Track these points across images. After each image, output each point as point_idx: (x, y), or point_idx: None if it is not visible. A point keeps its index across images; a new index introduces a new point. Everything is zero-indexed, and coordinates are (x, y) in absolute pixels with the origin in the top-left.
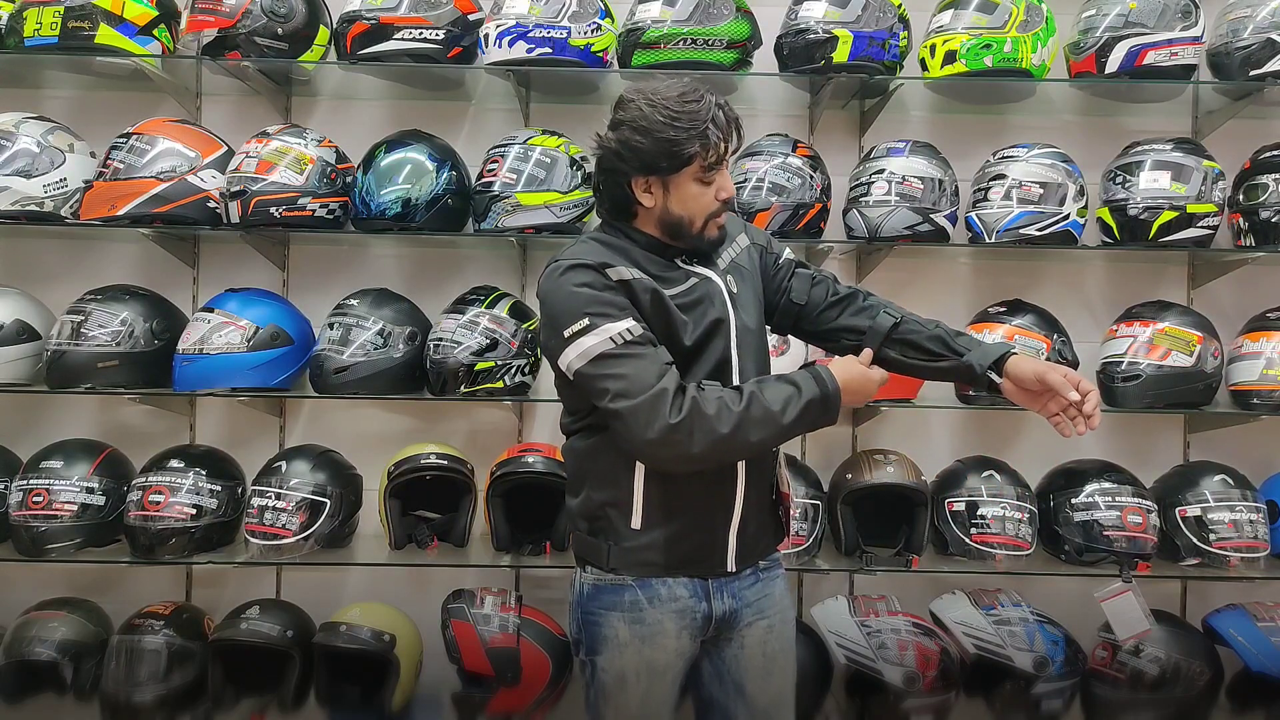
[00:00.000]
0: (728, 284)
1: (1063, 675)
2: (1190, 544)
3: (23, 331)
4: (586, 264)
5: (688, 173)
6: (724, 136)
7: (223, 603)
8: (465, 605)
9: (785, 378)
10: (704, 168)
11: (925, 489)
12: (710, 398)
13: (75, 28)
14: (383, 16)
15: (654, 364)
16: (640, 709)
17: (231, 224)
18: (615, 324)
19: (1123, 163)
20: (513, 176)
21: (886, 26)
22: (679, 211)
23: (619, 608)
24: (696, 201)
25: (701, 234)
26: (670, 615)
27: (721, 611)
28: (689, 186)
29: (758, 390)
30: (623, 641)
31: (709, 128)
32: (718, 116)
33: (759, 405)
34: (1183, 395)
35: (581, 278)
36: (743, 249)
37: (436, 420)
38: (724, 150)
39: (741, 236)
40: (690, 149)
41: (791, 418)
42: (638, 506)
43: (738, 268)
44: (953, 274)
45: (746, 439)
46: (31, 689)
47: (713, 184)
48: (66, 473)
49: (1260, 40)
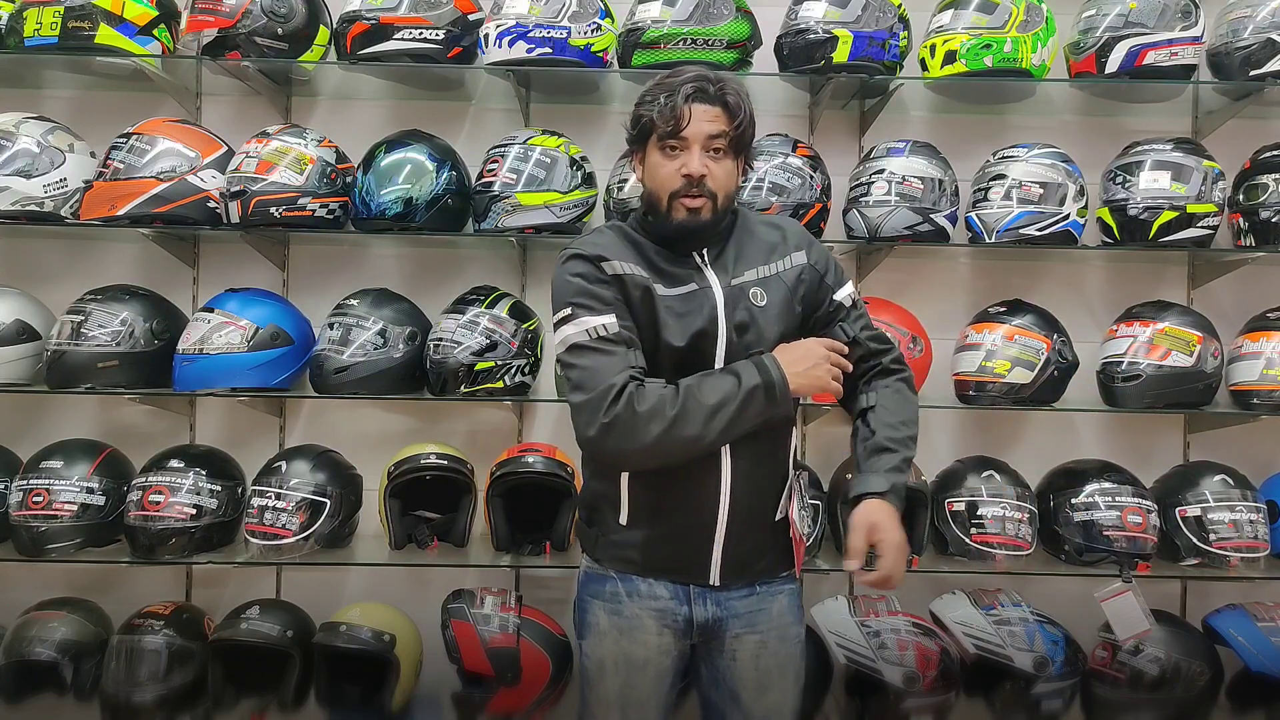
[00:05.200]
0: (749, 296)
1: (1063, 675)
2: (1190, 544)
3: (23, 331)
4: (583, 255)
5: (652, 142)
6: (677, 108)
7: (223, 603)
8: (465, 605)
9: (730, 369)
10: (661, 136)
11: (925, 489)
12: (647, 395)
13: (75, 28)
14: (383, 16)
15: (618, 362)
16: (620, 698)
17: (231, 224)
18: (595, 318)
19: (1123, 163)
20: (513, 176)
21: (886, 26)
22: (649, 185)
23: (601, 597)
24: (658, 173)
25: (669, 214)
26: (649, 613)
27: (704, 619)
28: (653, 155)
29: (695, 385)
30: (603, 630)
31: (664, 97)
32: (685, 89)
33: (694, 400)
34: (1183, 395)
35: (576, 268)
36: (793, 266)
37: (436, 420)
38: (680, 122)
39: (799, 253)
40: (647, 114)
41: (731, 411)
42: (624, 503)
43: (776, 281)
44: (953, 274)
45: (683, 434)
46: (31, 689)
47: (676, 158)
48: (66, 473)
49: (1260, 40)
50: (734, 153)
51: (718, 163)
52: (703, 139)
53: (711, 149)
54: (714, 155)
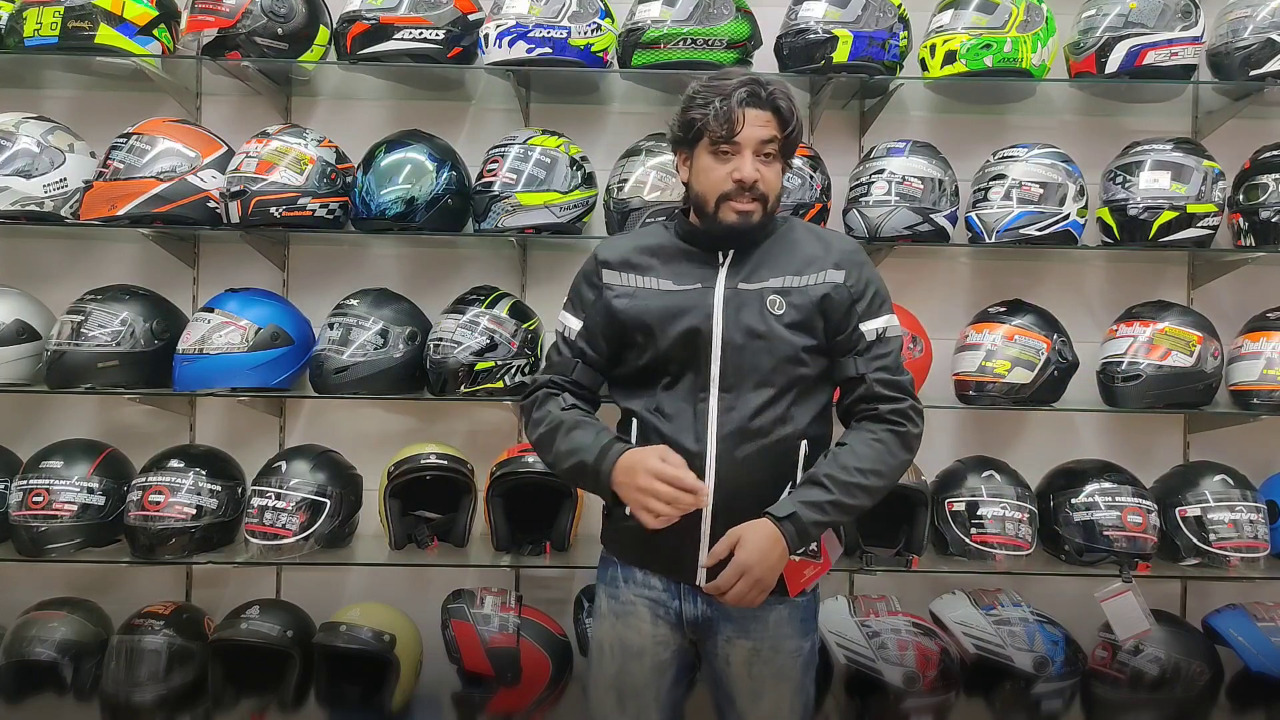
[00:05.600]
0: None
1: (1063, 675)
2: (1190, 544)
3: (23, 331)
4: (597, 254)
5: (703, 145)
6: (732, 112)
7: (223, 603)
8: (465, 605)
9: (600, 432)
10: (713, 140)
11: (925, 489)
12: (542, 407)
13: (75, 28)
14: (383, 16)
15: (557, 366)
16: (616, 682)
17: (231, 224)
18: (571, 319)
19: (1123, 163)
20: (513, 176)
21: (886, 26)
22: (697, 188)
23: (605, 580)
24: (708, 176)
25: (716, 215)
26: (644, 601)
27: (693, 615)
28: (703, 158)
29: (567, 426)
30: (604, 613)
31: (719, 101)
32: (738, 94)
33: (555, 437)
34: (1183, 395)
35: (584, 266)
36: (825, 282)
37: (436, 420)
38: (735, 125)
39: (838, 272)
40: (699, 118)
41: (571, 464)
42: None
43: (800, 293)
44: (953, 274)
45: (541, 454)
46: (31, 689)
47: (728, 162)
48: (66, 473)
49: (1260, 40)
50: (783, 156)
51: (768, 166)
52: (755, 143)
53: (763, 153)
54: (764, 159)
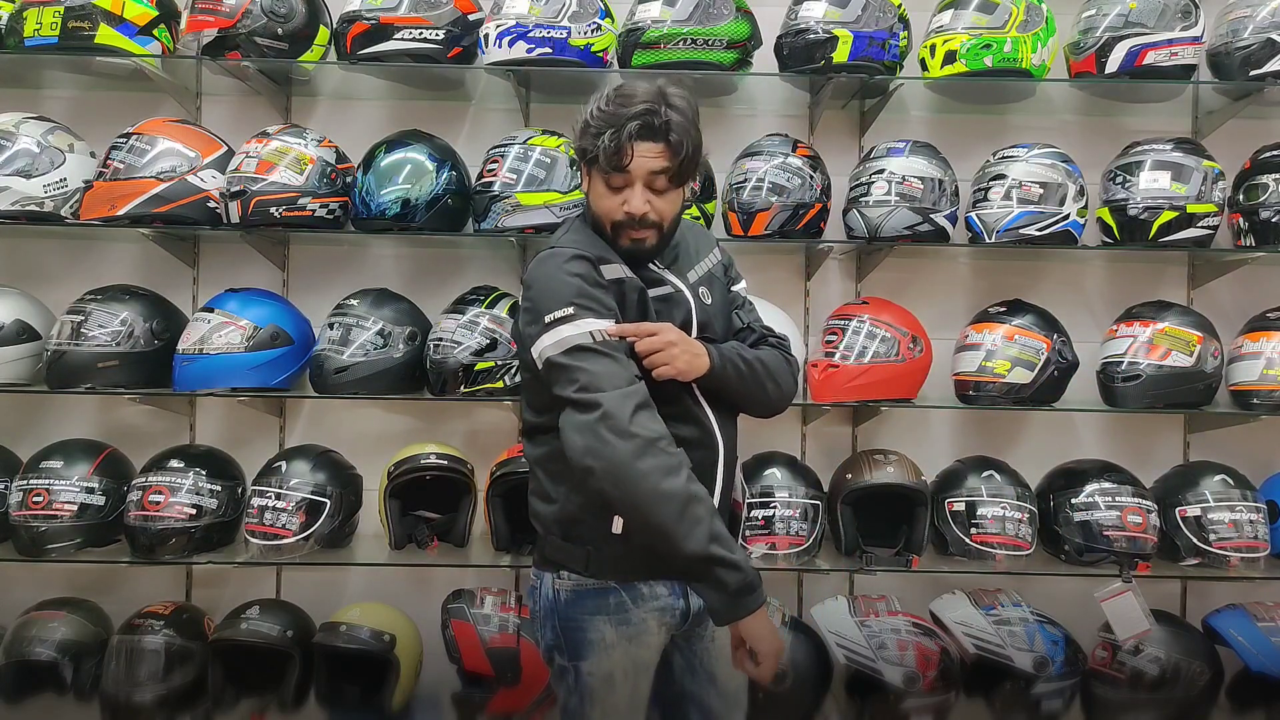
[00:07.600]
0: (699, 296)
1: (1063, 675)
2: (1190, 544)
3: (23, 331)
4: (584, 256)
5: (596, 171)
6: (620, 147)
7: (223, 603)
8: (465, 605)
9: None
10: (603, 170)
11: (925, 489)
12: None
13: (75, 28)
14: (383, 16)
15: (626, 369)
16: (629, 706)
17: (231, 224)
18: (598, 320)
19: (1123, 163)
20: (513, 176)
21: (886, 26)
22: (594, 209)
23: (604, 610)
24: (601, 203)
25: (615, 240)
26: (653, 613)
27: (697, 606)
28: (597, 184)
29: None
30: (610, 643)
31: (609, 134)
32: (630, 126)
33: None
34: (1183, 395)
35: (577, 268)
36: (718, 261)
37: (436, 420)
38: (623, 159)
39: (715, 250)
40: (590, 148)
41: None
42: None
43: (712, 278)
44: (953, 274)
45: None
46: (31, 689)
47: (619, 193)
48: (66, 473)
49: (1260, 40)
50: (677, 183)
51: (661, 196)
52: (645, 175)
53: (654, 185)
54: (656, 191)
